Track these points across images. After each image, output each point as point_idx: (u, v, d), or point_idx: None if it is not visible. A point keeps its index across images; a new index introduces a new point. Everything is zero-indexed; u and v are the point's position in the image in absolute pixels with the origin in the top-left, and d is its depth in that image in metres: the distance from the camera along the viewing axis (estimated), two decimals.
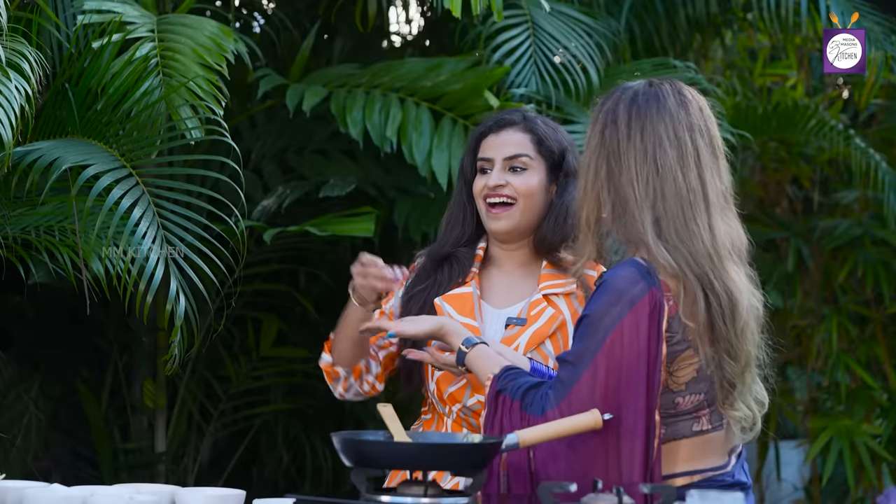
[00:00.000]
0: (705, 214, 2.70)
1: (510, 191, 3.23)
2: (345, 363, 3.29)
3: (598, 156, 2.72)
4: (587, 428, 2.86)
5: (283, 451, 5.40)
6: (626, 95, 2.74)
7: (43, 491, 2.64)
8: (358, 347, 3.26)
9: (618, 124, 2.71)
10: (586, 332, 2.67)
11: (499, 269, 3.31)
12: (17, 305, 5.15)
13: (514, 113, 3.32)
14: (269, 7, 5.53)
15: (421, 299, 3.26)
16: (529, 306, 3.23)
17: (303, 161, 5.11)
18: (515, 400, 2.72)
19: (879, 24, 5.35)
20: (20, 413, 4.94)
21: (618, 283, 2.66)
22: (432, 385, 3.22)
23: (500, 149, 3.26)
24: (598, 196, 2.73)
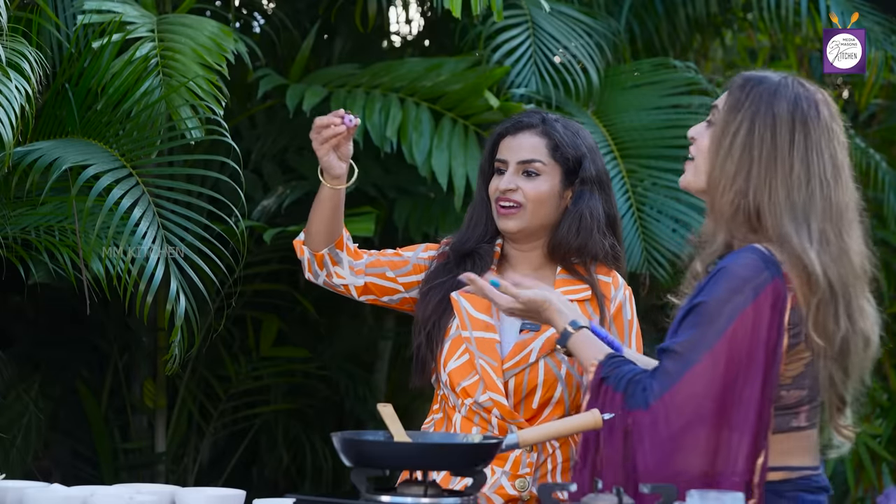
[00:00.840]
0: (854, 232, 2.68)
1: (520, 196, 3.22)
2: (312, 245, 3.27)
3: (745, 147, 2.64)
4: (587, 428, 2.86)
5: (283, 451, 5.40)
6: (785, 92, 2.66)
7: (43, 491, 2.64)
8: (327, 229, 3.25)
9: (777, 123, 2.63)
10: (703, 320, 2.58)
11: (513, 271, 3.29)
12: (17, 305, 5.15)
13: (533, 115, 3.30)
14: (269, 7, 5.53)
15: (440, 292, 3.25)
16: None
17: (303, 161, 5.11)
18: (618, 392, 2.63)
19: (879, 24, 5.35)
20: (20, 413, 4.94)
21: (740, 270, 2.58)
22: (445, 376, 3.21)
23: (514, 151, 3.24)
24: (735, 187, 2.65)
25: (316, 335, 5.54)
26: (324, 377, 5.46)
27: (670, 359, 2.59)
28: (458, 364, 3.20)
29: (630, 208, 4.76)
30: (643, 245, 4.71)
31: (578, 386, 3.20)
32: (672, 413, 2.55)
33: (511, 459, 3.16)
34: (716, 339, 2.57)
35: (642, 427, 2.56)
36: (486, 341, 3.19)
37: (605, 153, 4.81)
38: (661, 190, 4.77)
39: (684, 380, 2.56)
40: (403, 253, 3.33)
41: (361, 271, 3.30)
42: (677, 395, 2.56)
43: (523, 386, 3.17)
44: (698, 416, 2.56)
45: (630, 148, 4.90)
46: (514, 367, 3.17)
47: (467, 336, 3.20)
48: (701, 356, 2.56)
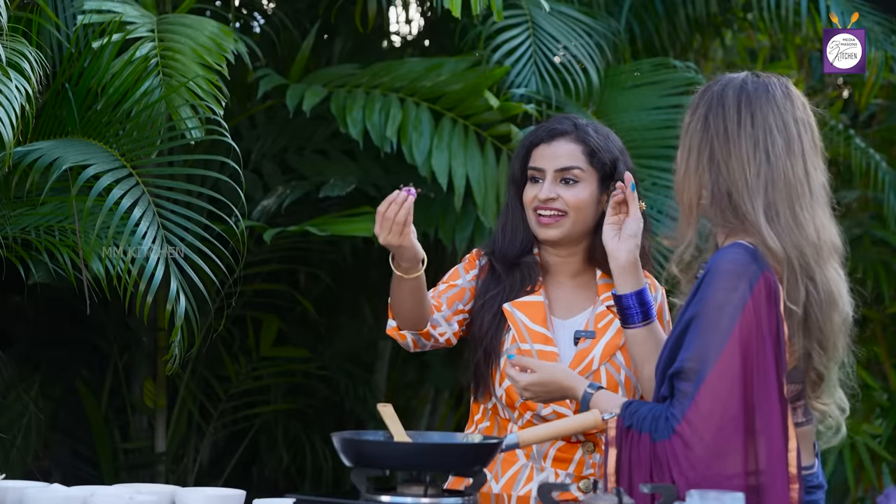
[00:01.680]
0: (811, 207, 2.69)
1: (561, 204, 3.20)
2: (410, 327, 3.17)
3: (702, 140, 2.69)
4: (588, 428, 2.86)
5: (283, 451, 5.40)
6: (733, 83, 2.72)
7: (43, 491, 2.64)
8: (421, 311, 3.14)
9: (726, 109, 2.69)
10: (705, 327, 2.58)
11: (554, 279, 3.28)
12: (17, 305, 5.15)
13: (564, 122, 3.27)
14: (269, 7, 5.53)
15: (494, 305, 3.21)
16: (595, 318, 3.21)
17: (303, 161, 5.11)
18: (644, 433, 2.62)
19: (879, 24, 5.35)
20: (20, 413, 4.94)
21: (730, 266, 2.60)
22: (500, 391, 3.17)
23: (551, 160, 3.22)
24: (700, 180, 2.69)
25: (316, 335, 5.54)
26: (324, 377, 5.46)
27: (683, 378, 2.59)
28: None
29: None
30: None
31: (635, 390, 3.21)
32: (700, 427, 2.54)
33: (575, 461, 3.17)
34: (723, 341, 2.56)
35: (677, 453, 2.55)
36: (546, 354, 3.16)
37: None
38: (661, 190, 4.76)
39: (702, 392, 2.55)
40: (455, 282, 3.26)
41: (451, 317, 3.24)
42: (700, 409, 2.55)
43: None
44: (727, 420, 2.55)
45: (630, 148, 4.85)
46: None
47: (527, 349, 3.17)
48: (713, 363, 2.56)
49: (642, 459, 2.61)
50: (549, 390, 2.92)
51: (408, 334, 3.18)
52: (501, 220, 3.32)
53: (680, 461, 2.55)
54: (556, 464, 3.16)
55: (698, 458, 2.54)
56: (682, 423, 2.55)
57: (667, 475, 2.57)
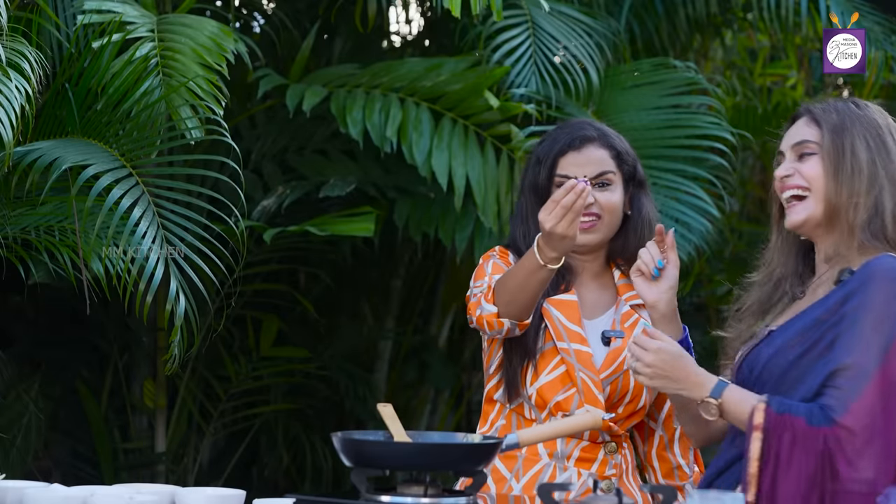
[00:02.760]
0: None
1: (597, 208, 3.22)
2: (514, 316, 3.12)
3: (870, 161, 2.74)
4: (587, 427, 2.86)
5: (283, 451, 5.40)
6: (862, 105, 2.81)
7: (43, 491, 2.64)
8: (532, 303, 3.11)
9: (879, 129, 2.77)
10: (870, 327, 2.62)
11: (578, 280, 3.30)
12: (17, 305, 5.15)
13: (587, 127, 3.29)
14: (269, 7, 5.52)
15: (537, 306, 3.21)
16: (622, 318, 3.24)
17: (303, 161, 5.11)
18: (799, 416, 2.60)
19: (879, 24, 5.35)
20: (20, 413, 4.93)
21: (891, 274, 2.64)
22: (531, 390, 3.19)
23: (584, 167, 3.23)
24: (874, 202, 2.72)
25: (316, 335, 5.54)
26: (324, 377, 5.46)
27: (842, 376, 2.60)
28: (550, 378, 3.18)
29: None
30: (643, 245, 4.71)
31: (654, 391, 3.22)
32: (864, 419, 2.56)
33: (598, 461, 3.18)
34: (889, 343, 2.59)
35: (843, 442, 2.56)
36: (583, 354, 3.18)
37: None
38: (661, 190, 4.76)
39: (868, 390, 2.58)
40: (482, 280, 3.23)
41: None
42: (867, 404, 2.57)
43: (616, 394, 3.20)
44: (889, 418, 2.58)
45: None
46: (610, 377, 3.19)
47: (564, 347, 3.18)
48: (878, 363, 2.59)
49: (794, 441, 2.59)
50: (673, 374, 2.74)
51: (506, 322, 3.12)
52: (521, 230, 3.29)
53: (845, 447, 2.55)
54: (580, 463, 3.17)
55: (864, 446, 2.55)
56: (845, 415, 2.56)
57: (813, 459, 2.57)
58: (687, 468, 3.29)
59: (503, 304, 3.11)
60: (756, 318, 2.87)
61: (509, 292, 3.09)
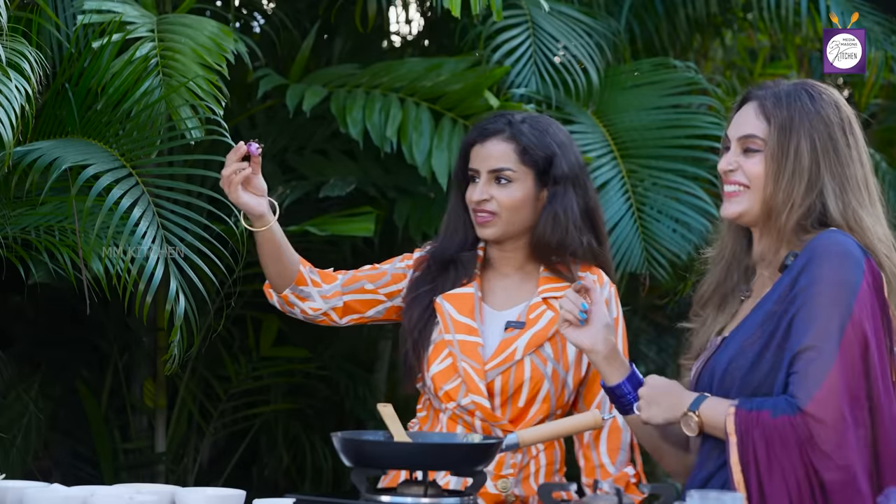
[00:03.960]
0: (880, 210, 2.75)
1: (493, 205, 3.22)
2: (275, 288, 3.30)
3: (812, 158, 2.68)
4: (587, 428, 2.86)
5: (283, 451, 5.40)
6: (820, 97, 2.73)
7: (43, 491, 2.64)
8: (279, 271, 3.26)
9: (830, 126, 2.70)
10: (825, 303, 2.55)
11: (497, 272, 3.32)
12: (17, 305, 5.15)
13: (499, 120, 3.28)
14: (269, 7, 5.52)
15: (425, 300, 3.27)
16: (528, 309, 3.23)
17: (303, 161, 5.11)
18: (763, 410, 2.55)
19: (879, 24, 5.35)
20: (20, 413, 4.93)
21: (839, 248, 2.59)
22: (428, 380, 3.22)
23: (484, 160, 3.25)
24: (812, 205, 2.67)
25: (316, 335, 5.53)
26: (324, 377, 5.46)
27: (803, 359, 2.55)
28: (440, 368, 3.21)
29: (630, 208, 4.76)
30: (643, 245, 4.71)
31: (564, 384, 3.20)
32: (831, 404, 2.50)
33: (495, 460, 3.13)
34: (846, 318, 2.54)
35: (811, 429, 2.51)
36: (468, 344, 3.19)
37: (605, 153, 4.81)
38: (661, 190, 4.76)
39: (832, 373, 2.51)
40: (380, 266, 3.34)
41: (337, 293, 3.29)
42: (833, 388, 2.51)
43: (509, 384, 3.17)
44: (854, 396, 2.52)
45: (630, 148, 4.90)
46: (499, 366, 3.18)
47: (450, 339, 3.20)
48: (838, 342, 2.53)
49: (766, 437, 2.54)
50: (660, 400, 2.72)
51: (273, 294, 3.30)
52: (445, 219, 3.36)
53: (816, 439, 2.50)
54: None
55: (835, 433, 2.50)
56: (811, 402, 2.50)
57: (795, 452, 2.52)
58: (611, 467, 3.23)
59: (266, 274, 3.30)
60: (715, 309, 2.81)
61: (261, 263, 3.28)
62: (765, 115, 2.73)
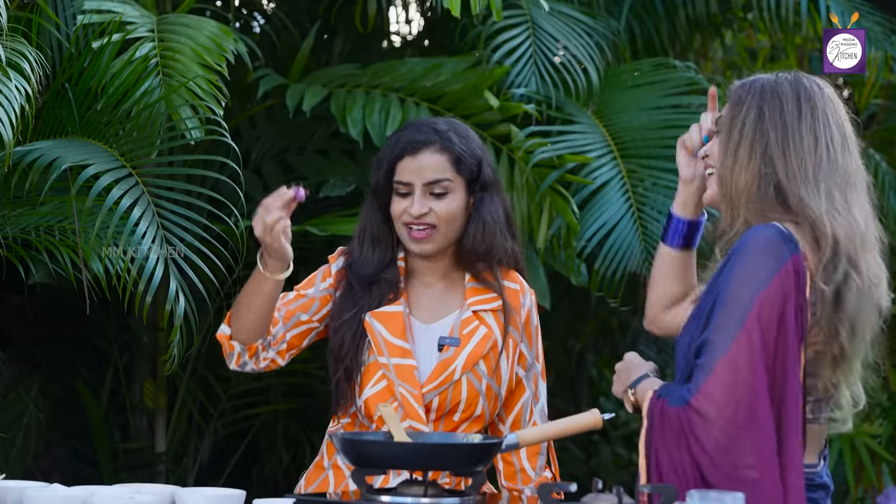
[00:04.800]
0: (862, 198, 2.73)
1: (432, 218, 3.12)
2: (244, 338, 3.11)
3: (756, 131, 2.67)
4: (587, 428, 2.86)
5: (283, 451, 5.40)
6: (785, 78, 2.72)
7: (43, 491, 2.64)
8: (262, 323, 3.09)
9: (784, 101, 2.68)
10: (728, 299, 2.55)
11: (421, 282, 3.22)
12: (17, 305, 5.15)
13: (425, 130, 3.17)
14: (269, 7, 5.53)
15: (353, 323, 3.14)
16: (461, 324, 3.14)
17: (303, 161, 5.11)
18: (662, 397, 2.57)
19: (879, 24, 5.35)
20: (20, 413, 4.94)
21: (760, 244, 2.57)
22: (360, 402, 3.13)
23: (418, 173, 3.13)
24: (753, 170, 2.66)
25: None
26: (324, 377, 5.45)
27: (703, 352, 2.54)
28: (374, 391, 3.12)
29: (630, 208, 4.76)
30: (643, 245, 4.71)
31: (497, 398, 3.15)
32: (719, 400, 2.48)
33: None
34: (744, 315, 2.52)
35: (694, 425, 2.50)
36: (404, 368, 3.10)
37: (605, 153, 4.81)
38: (661, 190, 4.76)
39: (720, 364, 2.50)
40: (305, 292, 3.19)
41: (281, 336, 3.17)
42: (718, 381, 2.49)
43: (447, 403, 3.10)
44: (750, 394, 2.50)
45: (630, 148, 4.90)
46: (438, 388, 3.10)
47: (385, 363, 3.10)
48: (733, 337, 2.51)
49: (663, 425, 2.55)
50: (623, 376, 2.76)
51: (237, 346, 3.12)
52: (358, 233, 3.23)
53: (696, 431, 2.49)
54: None
55: (718, 430, 2.48)
56: (696, 395, 2.50)
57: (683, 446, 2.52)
58: (531, 472, 3.19)
59: (236, 324, 3.08)
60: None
61: (239, 309, 3.07)
62: (729, 98, 2.75)
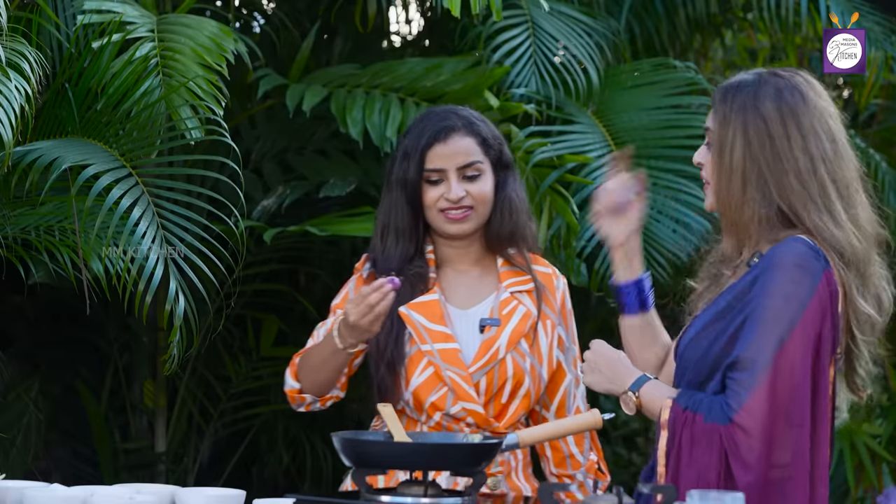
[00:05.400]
0: (860, 200, 2.70)
1: (469, 200, 3.20)
2: (317, 393, 3.23)
3: (745, 155, 2.63)
4: (587, 428, 2.86)
5: (283, 451, 5.40)
6: (765, 90, 2.66)
7: (43, 491, 2.64)
8: (335, 380, 3.20)
9: (768, 122, 2.63)
10: (769, 317, 2.53)
11: (454, 269, 3.27)
12: (17, 305, 5.15)
13: (450, 116, 3.25)
14: (269, 7, 5.52)
15: (388, 319, 3.14)
16: (500, 305, 3.20)
17: (303, 161, 5.11)
18: (698, 413, 2.56)
19: (879, 24, 5.35)
20: (20, 413, 4.93)
21: (796, 259, 2.55)
22: (407, 395, 3.17)
23: (450, 158, 3.20)
24: (758, 199, 2.63)
25: None
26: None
27: (740, 369, 2.54)
28: (422, 380, 3.16)
29: None
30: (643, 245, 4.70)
31: (540, 379, 3.20)
32: (761, 416, 2.50)
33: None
34: (787, 333, 2.52)
35: (736, 441, 2.51)
36: (448, 351, 3.15)
37: (605, 153, 4.81)
38: (661, 190, 4.76)
39: (762, 384, 2.51)
40: (339, 310, 3.24)
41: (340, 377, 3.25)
42: (761, 399, 2.50)
43: (494, 383, 3.15)
44: (787, 411, 2.51)
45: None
46: (484, 367, 3.15)
47: (428, 349, 3.15)
48: (775, 354, 2.51)
49: (693, 439, 2.55)
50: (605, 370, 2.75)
51: (308, 397, 3.23)
52: (380, 228, 3.28)
53: (740, 448, 2.50)
54: None
55: (759, 442, 2.50)
56: (740, 412, 2.50)
57: (714, 457, 2.53)
58: (580, 456, 3.25)
59: (306, 381, 3.19)
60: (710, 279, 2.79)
61: (310, 370, 3.17)
62: (714, 108, 2.72)
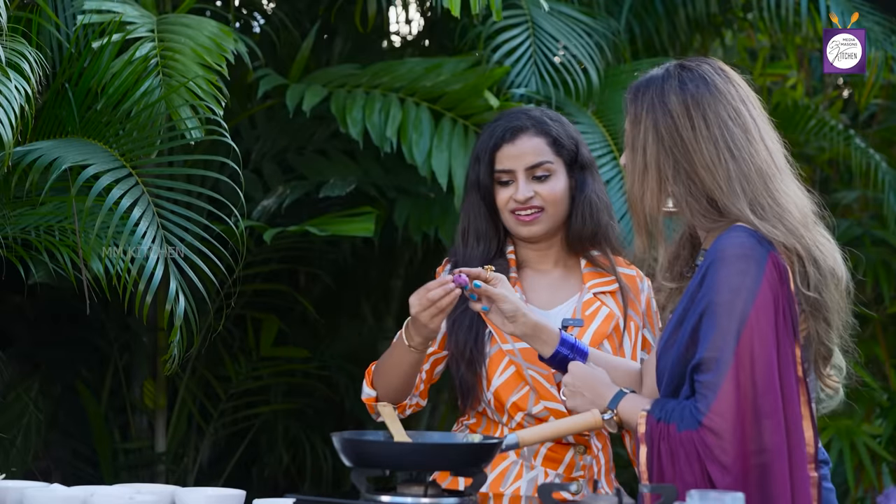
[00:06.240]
0: (784, 185, 2.65)
1: (538, 201, 3.18)
2: (393, 399, 3.19)
3: (658, 151, 2.62)
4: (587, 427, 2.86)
5: (283, 451, 5.40)
6: (669, 84, 2.66)
7: (43, 491, 2.64)
8: (410, 384, 3.16)
9: (675, 117, 2.63)
10: (720, 312, 2.51)
11: (535, 271, 3.26)
12: (17, 305, 5.15)
13: (520, 117, 3.23)
14: (269, 7, 5.53)
15: (466, 317, 3.17)
16: (583, 306, 3.19)
17: (303, 161, 5.11)
18: (671, 423, 2.55)
19: (879, 24, 5.35)
20: (20, 413, 4.94)
21: (737, 250, 2.53)
22: (489, 395, 3.16)
23: (519, 159, 3.18)
24: (660, 192, 2.62)
25: (316, 335, 5.54)
26: (324, 377, 5.46)
27: (703, 370, 2.53)
28: (503, 379, 3.16)
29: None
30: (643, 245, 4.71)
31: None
32: (729, 416, 2.49)
33: (565, 463, 3.15)
34: (741, 326, 2.50)
35: (708, 444, 2.50)
36: (530, 351, 3.13)
37: (605, 153, 4.81)
38: None
39: (726, 381, 2.49)
40: None
41: (420, 380, 3.23)
42: (726, 397, 2.49)
43: None
44: (753, 403, 2.50)
45: None
46: None
47: (510, 349, 3.15)
48: (732, 350, 2.50)
49: (672, 451, 2.55)
50: (585, 391, 2.78)
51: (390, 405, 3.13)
52: (461, 228, 3.26)
53: (714, 451, 2.49)
54: (547, 463, 3.14)
55: (731, 443, 2.49)
56: (708, 415, 2.49)
57: (696, 465, 2.52)
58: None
59: (381, 387, 3.16)
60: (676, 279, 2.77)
61: (383, 374, 3.15)
62: (626, 108, 2.71)
